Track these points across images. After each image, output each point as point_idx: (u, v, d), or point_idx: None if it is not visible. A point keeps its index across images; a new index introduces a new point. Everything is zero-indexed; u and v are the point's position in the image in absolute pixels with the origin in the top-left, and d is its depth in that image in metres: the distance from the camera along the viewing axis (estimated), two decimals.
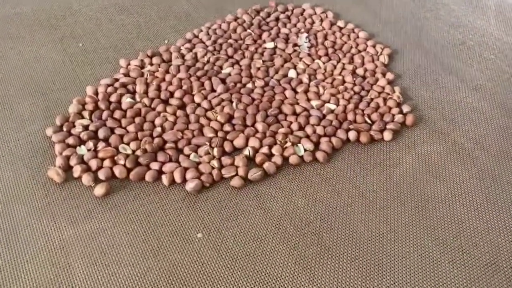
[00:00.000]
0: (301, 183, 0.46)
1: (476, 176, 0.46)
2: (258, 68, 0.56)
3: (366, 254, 0.40)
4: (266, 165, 0.46)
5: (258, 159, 0.47)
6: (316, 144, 0.49)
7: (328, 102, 0.53)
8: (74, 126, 0.48)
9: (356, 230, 0.42)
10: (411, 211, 0.43)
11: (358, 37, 0.62)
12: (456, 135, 0.50)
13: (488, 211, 0.43)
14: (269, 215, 0.43)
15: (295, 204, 0.44)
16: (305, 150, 0.48)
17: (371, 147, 0.49)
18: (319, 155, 0.47)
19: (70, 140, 0.47)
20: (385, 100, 0.53)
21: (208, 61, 0.57)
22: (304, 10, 0.66)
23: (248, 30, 0.62)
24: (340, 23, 0.64)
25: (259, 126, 0.50)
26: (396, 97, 0.53)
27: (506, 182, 0.46)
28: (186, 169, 0.45)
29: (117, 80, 0.54)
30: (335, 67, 0.57)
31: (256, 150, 0.48)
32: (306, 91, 0.54)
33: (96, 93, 0.52)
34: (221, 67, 0.56)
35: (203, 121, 0.50)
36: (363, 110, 0.52)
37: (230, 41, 0.60)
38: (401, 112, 0.52)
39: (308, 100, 0.53)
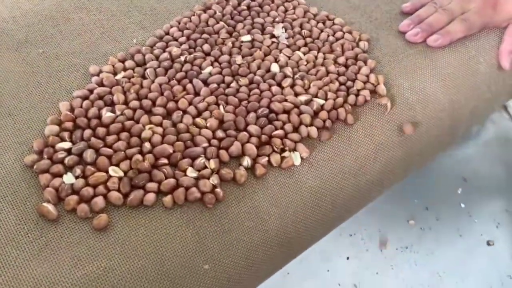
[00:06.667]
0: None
1: None
2: (239, 65, 0.54)
3: None
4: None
5: (258, 172, 0.46)
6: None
7: (316, 96, 0.52)
8: (55, 151, 0.44)
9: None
10: None
11: (334, 24, 0.60)
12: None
13: None
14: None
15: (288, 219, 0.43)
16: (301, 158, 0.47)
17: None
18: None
19: (54, 169, 0.43)
20: (371, 92, 0.53)
21: (185, 61, 0.53)
22: None
23: (221, 22, 0.58)
24: (313, 10, 0.61)
25: (252, 129, 0.48)
26: (381, 90, 0.53)
27: None
28: (186, 188, 0.43)
29: (91, 91, 0.50)
30: (316, 57, 0.56)
31: (253, 159, 0.46)
32: (292, 86, 0.52)
33: (71, 109, 0.48)
34: (200, 67, 0.53)
35: (192, 129, 0.47)
36: (351, 106, 0.52)
37: (204, 35, 0.56)
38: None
39: (296, 95, 0.52)
